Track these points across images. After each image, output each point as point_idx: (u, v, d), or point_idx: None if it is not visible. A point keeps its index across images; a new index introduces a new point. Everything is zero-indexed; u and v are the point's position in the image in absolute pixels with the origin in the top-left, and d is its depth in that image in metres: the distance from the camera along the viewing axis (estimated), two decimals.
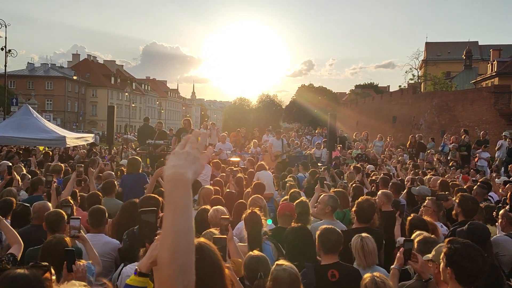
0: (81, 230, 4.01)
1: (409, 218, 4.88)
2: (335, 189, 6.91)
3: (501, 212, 4.79)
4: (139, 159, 8.19)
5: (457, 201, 5.38)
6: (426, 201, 5.75)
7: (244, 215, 4.49)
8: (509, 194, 8.16)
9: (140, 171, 7.91)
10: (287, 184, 8.18)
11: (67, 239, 3.67)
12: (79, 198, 6.33)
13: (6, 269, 1.51)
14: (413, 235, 3.96)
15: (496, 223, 5.09)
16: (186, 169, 1.35)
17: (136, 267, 2.34)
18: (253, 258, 3.44)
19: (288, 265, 3.07)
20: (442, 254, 2.91)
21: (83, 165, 7.09)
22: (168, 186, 1.33)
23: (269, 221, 5.17)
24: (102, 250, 4.42)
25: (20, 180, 7.53)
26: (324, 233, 3.89)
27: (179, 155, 1.38)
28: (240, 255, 3.79)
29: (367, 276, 3.17)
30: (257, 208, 4.59)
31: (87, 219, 4.80)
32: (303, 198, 5.95)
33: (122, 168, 9.82)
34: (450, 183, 8.21)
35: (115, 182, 7.01)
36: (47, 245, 3.56)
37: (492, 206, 6.03)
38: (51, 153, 14.22)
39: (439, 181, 8.11)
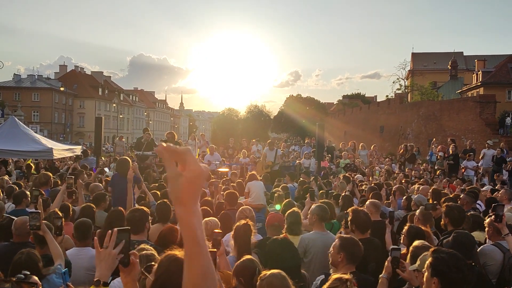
0: (42, 222, 3.94)
1: (406, 227, 4.90)
2: (323, 200, 6.90)
3: (487, 221, 4.82)
4: (129, 159, 8.02)
5: (443, 210, 5.42)
6: (417, 211, 5.80)
7: (236, 225, 4.46)
8: (486, 198, 8.30)
9: None
10: (275, 195, 8.17)
11: (36, 252, 3.61)
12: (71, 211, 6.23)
13: None
14: (413, 244, 3.96)
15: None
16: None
17: (97, 278, 2.35)
18: (246, 260, 3.49)
19: (277, 272, 3.08)
20: (427, 263, 2.90)
21: (73, 176, 6.98)
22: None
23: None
24: (89, 264, 4.34)
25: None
26: (350, 243, 3.89)
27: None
28: (230, 268, 3.78)
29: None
30: (249, 220, 4.57)
31: (73, 232, 4.73)
32: (295, 208, 5.96)
33: (108, 178, 9.75)
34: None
35: (107, 195, 6.93)
36: (17, 262, 3.47)
37: (476, 215, 6.09)
38: (33, 166, 14.07)
39: (431, 190, 8.14)
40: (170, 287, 1.85)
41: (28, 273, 2.07)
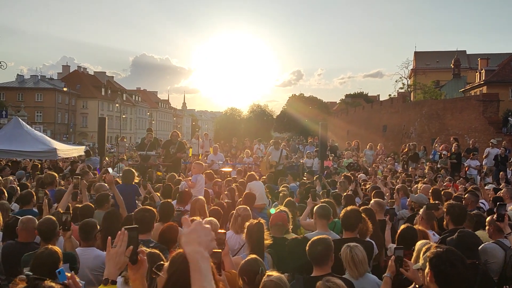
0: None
1: (402, 226, 4.92)
2: (323, 199, 6.91)
3: (488, 219, 4.84)
4: (133, 170, 8.21)
5: (444, 209, 5.43)
6: (421, 210, 5.81)
7: (248, 224, 4.48)
8: (491, 198, 8.30)
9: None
10: (281, 195, 8.20)
11: (59, 250, 3.66)
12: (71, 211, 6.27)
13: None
14: (417, 244, 3.97)
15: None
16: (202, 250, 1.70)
17: (106, 276, 2.37)
18: (250, 259, 3.51)
19: (276, 276, 3.10)
20: (427, 258, 2.95)
21: (79, 177, 7.00)
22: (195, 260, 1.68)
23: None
24: (94, 264, 4.39)
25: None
26: (311, 244, 3.88)
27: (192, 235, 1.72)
28: (235, 268, 3.80)
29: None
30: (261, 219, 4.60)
31: (78, 232, 4.76)
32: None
33: (116, 179, 9.78)
34: (442, 192, 8.27)
35: (109, 195, 6.96)
36: (39, 255, 3.57)
37: (479, 214, 6.10)
38: (39, 165, 14.11)
39: (431, 190, 8.14)
40: (183, 285, 1.88)
41: (31, 273, 2.11)
